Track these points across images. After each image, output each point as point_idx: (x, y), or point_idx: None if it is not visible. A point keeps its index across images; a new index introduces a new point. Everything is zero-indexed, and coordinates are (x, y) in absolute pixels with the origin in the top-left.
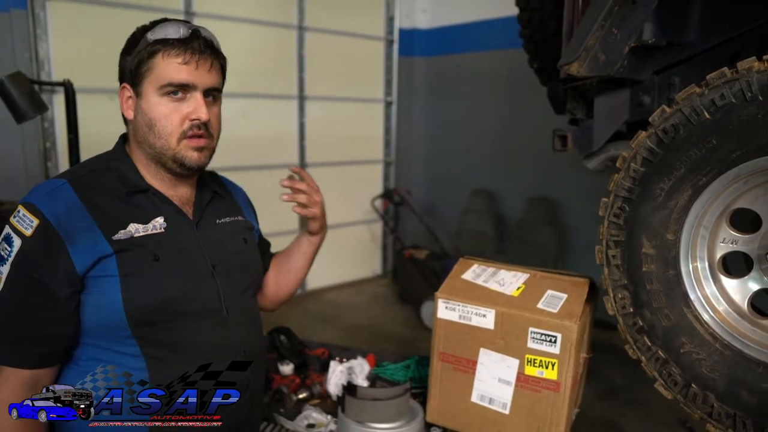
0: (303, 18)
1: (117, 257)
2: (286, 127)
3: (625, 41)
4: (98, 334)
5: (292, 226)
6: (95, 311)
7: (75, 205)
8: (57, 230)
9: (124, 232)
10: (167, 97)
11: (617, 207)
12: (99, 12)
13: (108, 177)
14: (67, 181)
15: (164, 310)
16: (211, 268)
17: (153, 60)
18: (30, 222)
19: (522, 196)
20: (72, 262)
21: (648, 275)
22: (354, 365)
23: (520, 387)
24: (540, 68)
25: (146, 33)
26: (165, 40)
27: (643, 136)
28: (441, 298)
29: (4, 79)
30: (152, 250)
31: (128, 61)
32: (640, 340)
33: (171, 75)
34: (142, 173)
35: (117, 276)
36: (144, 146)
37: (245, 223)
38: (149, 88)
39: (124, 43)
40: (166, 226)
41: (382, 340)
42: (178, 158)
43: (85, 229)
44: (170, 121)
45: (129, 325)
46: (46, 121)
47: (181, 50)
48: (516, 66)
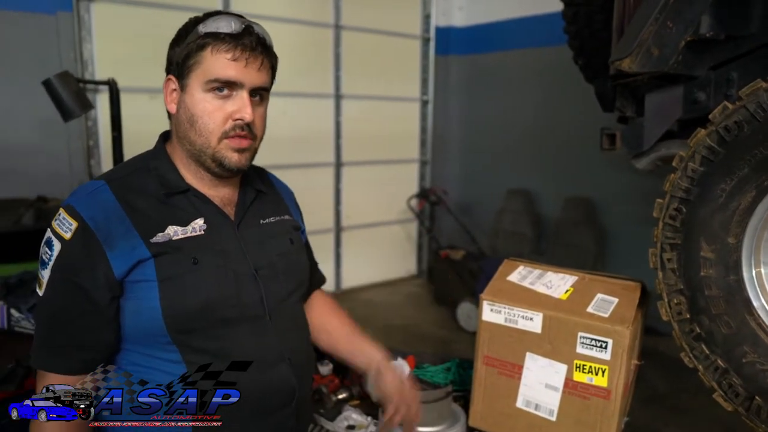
0: (339, 16)
1: (155, 261)
2: (323, 125)
3: (680, 35)
4: (138, 340)
5: (328, 224)
6: (134, 317)
7: (113, 207)
8: (95, 233)
9: (163, 235)
10: (212, 93)
11: (673, 208)
12: (140, 13)
13: (147, 177)
14: (106, 183)
15: (204, 317)
16: (254, 271)
17: (201, 53)
18: (69, 225)
19: (560, 197)
20: (110, 266)
21: (706, 280)
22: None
23: (568, 393)
24: (586, 64)
25: (198, 25)
26: (216, 33)
27: (702, 134)
28: (486, 300)
29: (53, 79)
30: (191, 254)
31: (176, 52)
32: (697, 348)
33: (218, 71)
34: (182, 173)
35: (155, 281)
36: (184, 142)
37: (292, 223)
38: (195, 83)
39: (175, 34)
40: (206, 228)
41: (417, 340)
42: (218, 158)
43: (123, 233)
44: (213, 118)
45: (168, 331)
46: (90, 119)
47: (232, 46)
48: (554, 63)
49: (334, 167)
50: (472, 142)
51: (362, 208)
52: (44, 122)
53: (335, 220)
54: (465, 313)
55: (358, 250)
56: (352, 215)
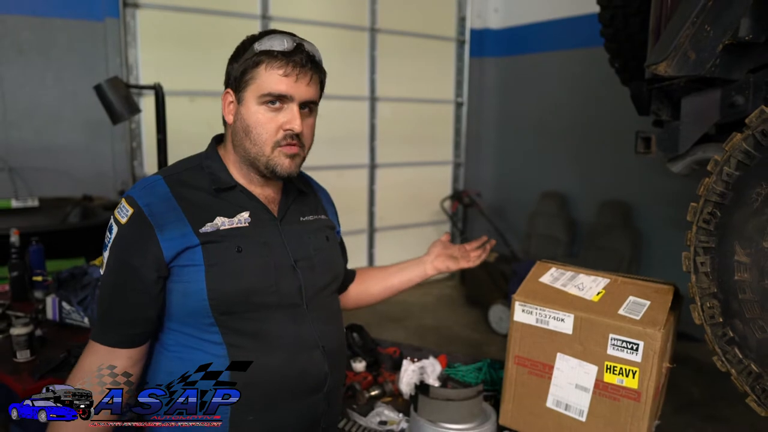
0: (375, 20)
1: (203, 248)
2: (357, 127)
3: (718, 38)
4: (183, 320)
5: (361, 225)
6: (181, 298)
7: (166, 198)
8: (149, 219)
9: (211, 225)
10: (265, 106)
11: (707, 212)
12: (183, 18)
13: (200, 174)
14: (162, 177)
15: (244, 301)
16: (293, 263)
17: (256, 70)
18: (126, 211)
19: (595, 200)
20: (161, 248)
21: (741, 284)
22: (426, 365)
23: (599, 394)
24: (622, 67)
25: (254, 43)
26: (270, 51)
27: (738, 138)
28: (518, 301)
29: (104, 84)
30: (236, 243)
31: (234, 68)
32: (730, 352)
33: (271, 86)
34: (232, 172)
35: (202, 266)
36: (239, 150)
37: (328, 222)
38: (250, 96)
39: (233, 51)
40: (250, 221)
41: (449, 341)
42: (271, 165)
43: (175, 220)
44: (266, 129)
45: (212, 312)
46: (134, 122)
47: (284, 62)
48: (589, 66)
49: (369, 168)
50: (507, 145)
51: (396, 210)
52: (90, 124)
53: (369, 220)
54: (497, 316)
55: (392, 250)
56: (386, 216)
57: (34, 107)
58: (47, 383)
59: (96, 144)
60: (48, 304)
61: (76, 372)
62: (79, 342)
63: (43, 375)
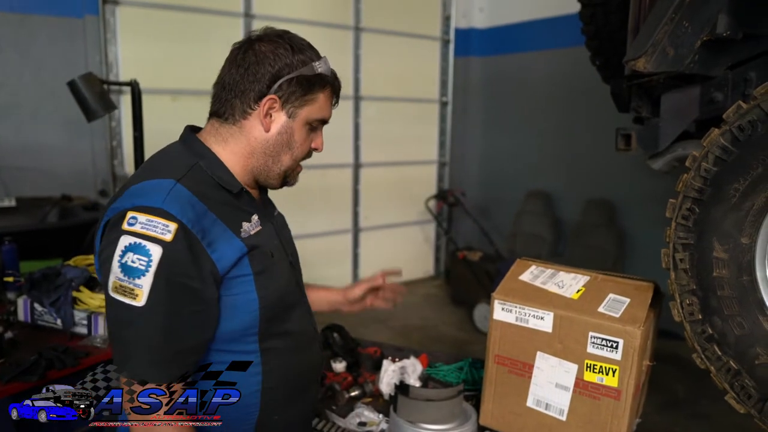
0: (359, 19)
1: (249, 255)
2: (341, 127)
3: (696, 35)
4: (228, 337)
5: (346, 225)
6: (231, 313)
7: (198, 205)
8: (193, 232)
9: (244, 231)
10: (309, 126)
11: (686, 208)
12: (164, 15)
13: (204, 175)
14: (176, 181)
15: (282, 304)
16: (290, 259)
17: (321, 93)
18: (165, 226)
19: (580, 199)
20: (213, 262)
21: (719, 281)
22: (407, 365)
23: (579, 393)
24: (603, 65)
25: (312, 62)
26: (333, 80)
27: (716, 134)
28: (498, 299)
29: (77, 80)
30: (267, 246)
31: (290, 81)
32: (709, 349)
33: (325, 113)
34: (234, 176)
35: (251, 274)
36: (258, 158)
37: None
38: (305, 115)
39: (278, 53)
40: (260, 224)
41: (433, 341)
42: (288, 180)
43: (218, 230)
44: (303, 148)
45: (260, 321)
46: (114, 120)
47: (336, 93)
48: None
49: (353, 168)
50: (492, 144)
51: (380, 209)
52: (70, 123)
53: (353, 220)
54: (482, 315)
55: (376, 250)
56: (370, 216)
57: (12, 105)
58: (15, 387)
59: (76, 143)
60: (19, 306)
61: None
62: (50, 343)
63: (11, 378)
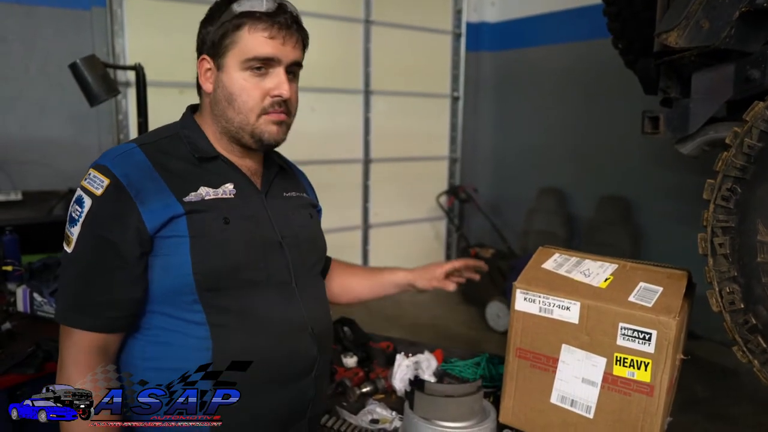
0: (370, 12)
1: (187, 218)
2: (352, 121)
3: (734, 6)
4: (164, 299)
5: (356, 221)
6: (163, 273)
7: (145, 167)
8: (128, 190)
9: (195, 195)
10: (250, 71)
11: (726, 189)
12: (171, 7)
13: (178, 143)
14: (137, 145)
15: (232, 276)
16: (280, 239)
17: (238, 33)
18: (101, 182)
19: (593, 196)
20: (143, 221)
21: (764, 266)
22: (421, 360)
23: (607, 389)
24: (626, 48)
25: (231, 4)
26: (251, 12)
27: (761, 107)
28: (520, 288)
29: (79, 62)
30: (222, 214)
31: (210, 32)
32: (752, 341)
33: (257, 49)
34: (212, 143)
35: (187, 237)
36: (220, 120)
37: (309, 200)
38: (232, 62)
39: (206, 12)
40: (235, 193)
41: (445, 340)
42: (257, 134)
43: (156, 190)
44: (252, 96)
45: (196, 288)
46: (120, 113)
47: (269, 24)
48: (588, 59)
49: (363, 164)
50: (504, 140)
51: (391, 206)
52: (76, 116)
53: (363, 217)
54: (494, 313)
55: (387, 247)
56: (381, 212)
57: (17, 98)
58: (10, 379)
59: (82, 136)
60: (18, 296)
61: (64, 371)
62: (49, 335)
63: (7, 370)
